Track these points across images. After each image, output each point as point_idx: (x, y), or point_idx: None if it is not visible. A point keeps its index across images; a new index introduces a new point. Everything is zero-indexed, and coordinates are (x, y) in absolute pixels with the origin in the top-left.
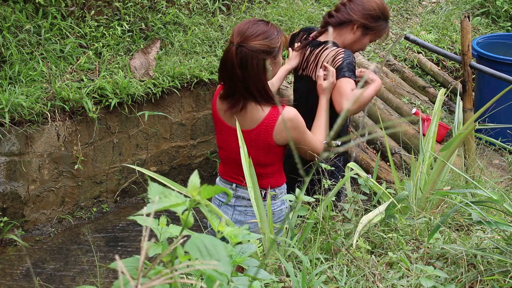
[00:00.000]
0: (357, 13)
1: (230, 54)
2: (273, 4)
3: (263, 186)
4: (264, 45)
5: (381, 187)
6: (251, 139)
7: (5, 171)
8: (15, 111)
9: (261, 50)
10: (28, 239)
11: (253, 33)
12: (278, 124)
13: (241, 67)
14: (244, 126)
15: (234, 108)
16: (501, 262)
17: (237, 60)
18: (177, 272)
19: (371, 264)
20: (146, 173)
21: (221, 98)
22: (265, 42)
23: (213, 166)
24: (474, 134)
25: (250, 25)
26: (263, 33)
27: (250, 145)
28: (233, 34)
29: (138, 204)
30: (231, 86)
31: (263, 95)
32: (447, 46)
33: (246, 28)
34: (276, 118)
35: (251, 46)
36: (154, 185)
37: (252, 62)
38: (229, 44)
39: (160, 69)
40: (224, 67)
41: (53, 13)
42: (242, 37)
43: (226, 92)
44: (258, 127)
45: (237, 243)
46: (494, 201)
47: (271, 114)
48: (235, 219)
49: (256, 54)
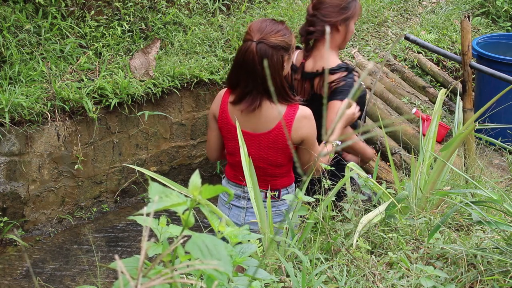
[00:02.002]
0: (333, 15)
1: (250, 51)
2: (273, 4)
3: (276, 186)
4: (283, 41)
5: (381, 187)
6: (270, 141)
7: (5, 171)
8: (15, 111)
9: (280, 46)
10: (28, 239)
11: (272, 30)
12: (296, 122)
13: (262, 63)
14: (259, 129)
15: (251, 107)
16: (501, 262)
17: (258, 57)
18: (177, 272)
19: (371, 264)
20: (146, 173)
21: (233, 103)
22: (284, 38)
23: (213, 166)
24: (474, 134)
25: (268, 23)
26: (280, 30)
27: (269, 147)
28: (250, 31)
29: (138, 204)
30: (248, 85)
31: (281, 92)
32: (447, 46)
33: (265, 25)
34: (294, 117)
35: (272, 42)
36: (154, 185)
37: (273, 58)
38: (246, 42)
39: (160, 69)
40: (243, 65)
41: (53, 13)
42: (262, 34)
43: (242, 92)
44: (277, 127)
45: (237, 243)
46: (494, 201)
47: (288, 113)
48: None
49: (276, 50)
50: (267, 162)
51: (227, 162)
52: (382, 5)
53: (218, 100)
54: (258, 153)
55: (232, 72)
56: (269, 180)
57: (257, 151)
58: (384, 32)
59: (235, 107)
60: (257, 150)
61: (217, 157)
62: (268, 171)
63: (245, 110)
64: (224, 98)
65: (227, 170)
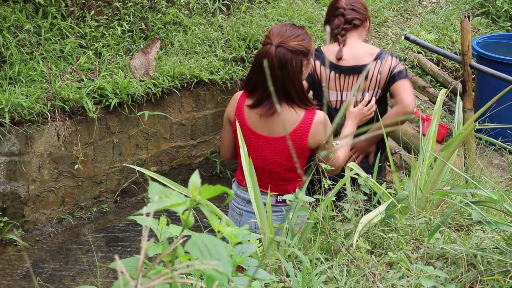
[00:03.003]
0: (363, 10)
1: (269, 55)
2: (273, 4)
3: (288, 190)
4: (302, 46)
5: (381, 187)
6: (286, 145)
7: (5, 171)
8: (15, 111)
9: (300, 51)
10: (28, 239)
11: (292, 34)
12: (313, 128)
13: (281, 68)
14: (275, 133)
15: (270, 111)
16: (501, 262)
17: (276, 61)
18: (177, 272)
19: (371, 264)
20: (146, 173)
21: (251, 106)
22: (303, 43)
23: (213, 166)
24: (474, 134)
25: (288, 27)
26: (300, 35)
27: (284, 151)
28: (270, 35)
29: (138, 204)
30: (267, 89)
31: (300, 97)
32: (447, 46)
33: (284, 30)
34: (311, 122)
35: (291, 46)
36: (154, 185)
37: (292, 62)
38: (265, 45)
39: (160, 69)
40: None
41: (53, 13)
42: (281, 38)
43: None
44: (295, 131)
45: (237, 243)
46: (494, 201)
47: (306, 118)
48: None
49: (295, 54)
50: (281, 166)
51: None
52: (382, 5)
53: (234, 103)
54: (273, 157)
55: (249, 75)
56: (282, 184)
57: (271, 155)
58: (384, 32)
59: (252, 110)
60: (271, 154)
61: (230, 157)
62: (281, 175)
63: (263, 114)
64: (240, 101)
65: (239, 175)
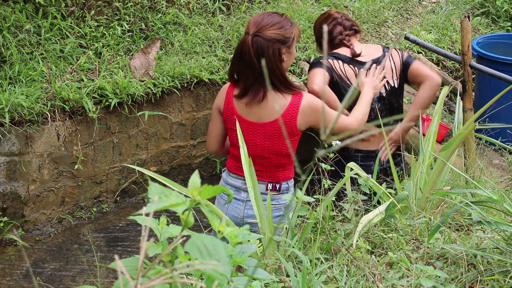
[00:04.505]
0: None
1: (246, 45)
2: (273, 4)
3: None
4: (278, 34)
5: (381, 187)
6: (276, 129)
7: (5, 171)
8: (15, 111)
9: (276, 39)
10: (28, 239)
11: (268, 23)
12: (301, 110)
13: (258, 56)
14: (265, 118)
15: (256, 99)
16: (501, 262)
17: (253, 50)
18: (176, 272)
19: (371, 264)
20: (146, 173)
21: (238, 97)
22: (280, 31)
23: (213, 166)
24: (474, 134)
25: (265, 16)
26: (277, 23)
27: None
28: (248, 25)
29: (138, 204)
30: (249, 78)
31: (283, 82)
32: (447, 46)
33: (261, 19)
34: (299, 105)
35: (266, 35)
36: (154, 185)
37: (268, 51)
38: (245, 35)
39: (160, 69)
40: (241, 58)
41: (53, 13)
42: (257, 27)
43: (244, 86)
44: (283, 115)
45: (237, 243)
46: (494, 201)
47: (294, 101)
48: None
49: (271, 43)
50: (272, 151)
51: (230, 154)
52: (382, 5)
53: (222, 94)
54: (264, 142)
55: (231, 66)
56: (273, 171)
57: (262, 140)
58: (384, 32)
59: (240, 100)
60: (262, 140)
61: (216, 150)
62: (273, 161)
63: (249, 103)
64: (228, 92)
65: (229, 162)
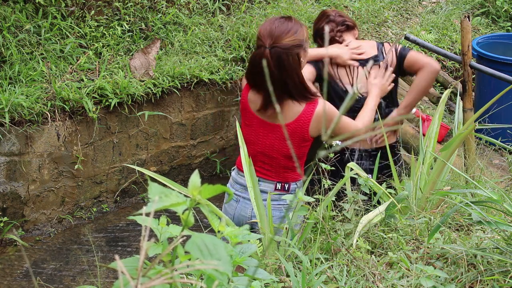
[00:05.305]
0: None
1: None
2: (273, 4)
3: (287, 179)
4: (295, 40)
5: (381, 187)
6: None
7: (5, 171)
8: (15, 111)
9: (294, 45)
10: (28, 239)
11: (282, 31)
12: (315, 117)
13: (278, 68)
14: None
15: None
16: (501, 262)
17: (273, 62)
18: (177, 272)
19: (371, 264)
20: (146, 173)
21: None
22: (295, 37)
23: (213, 166)
24: (474, 134)
25: (276, 24)
26: (291, 29)
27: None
28: (261, 37)
29: (138, 204)
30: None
31: (301, 91)
32: (447, 46)
33: (274, 28)
34: (312, 113)
35: (284, 44)
36: (154, 185)
37: (288, 60)
38: (259, 48)
39: (160, 69)
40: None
41: (53, 13)
42: (273, 39)
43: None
44: (296, 121)
45: (237, 243)
46: (494, 201)
47: (307, 109)
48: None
49: (290, 51)
50: (281, 153)
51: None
52: (382, 5)
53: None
54: (274, 143)
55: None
56: (281, 172)
57: (273, 141)
58: (384, 32)
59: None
60: (273, 140)
61: None
62: (281, 162)
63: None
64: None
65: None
